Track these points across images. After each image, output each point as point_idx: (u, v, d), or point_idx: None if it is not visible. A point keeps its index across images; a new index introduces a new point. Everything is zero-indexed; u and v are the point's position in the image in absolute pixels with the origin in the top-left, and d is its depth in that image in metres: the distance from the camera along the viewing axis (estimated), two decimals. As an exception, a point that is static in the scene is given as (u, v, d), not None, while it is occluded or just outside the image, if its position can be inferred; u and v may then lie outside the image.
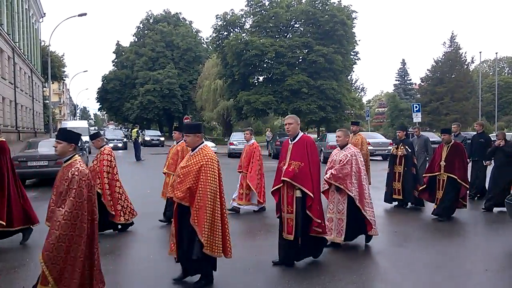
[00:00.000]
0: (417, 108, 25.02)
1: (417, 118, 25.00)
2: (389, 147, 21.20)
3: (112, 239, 6.28)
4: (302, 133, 5.01)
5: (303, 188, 4.66)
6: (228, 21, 32.29)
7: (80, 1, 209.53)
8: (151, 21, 53.58)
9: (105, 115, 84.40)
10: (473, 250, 5.91)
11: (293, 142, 4.90)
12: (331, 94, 28.72)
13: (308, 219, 4.75)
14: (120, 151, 26.99)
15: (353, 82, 52.55)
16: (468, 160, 9.10)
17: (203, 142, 4.15)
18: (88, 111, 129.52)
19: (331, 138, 20.10)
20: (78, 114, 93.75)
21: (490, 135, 12.97)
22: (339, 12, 28.98)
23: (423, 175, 7.99)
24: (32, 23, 41.59)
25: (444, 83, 42.69)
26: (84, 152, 15.98)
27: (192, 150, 4.13)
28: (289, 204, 4.78)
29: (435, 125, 40.47)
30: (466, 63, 45.71)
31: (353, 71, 38.66)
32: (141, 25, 53.98)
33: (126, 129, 42.51)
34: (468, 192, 9.23)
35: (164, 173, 7.37)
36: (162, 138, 34.65)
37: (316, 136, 34.71)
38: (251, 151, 8.22)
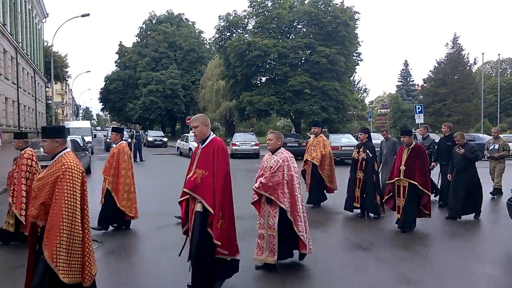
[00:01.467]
0: (420, 110, 24.98)
1: (419, 119, 24.96)
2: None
3: (116, 239, 6.28)
4: (213, 135, 4.19)
5: (203, 202, 3.90)
6: (231, 22, 32.31)
7: (83, 2, 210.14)
8: (154, 21, 53.69)
9: (108, 115, 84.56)
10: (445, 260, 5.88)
11: (202, 146, 4.16)
12: (333, 95, 28.70)
13: (210, 238, 3.94)
14: None
15: (356, 83, 52.57)
16: (435, 164, 8.87)
17: (65, 149, 3.53)
18: (91, 112, 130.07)
19: (334, 139, 20.10)
20: (80, 115, 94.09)
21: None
22: (341, 13, 28.96)
23: (387, 181, 7.34)
24: (35, 23, 41.73)
25: (446, 84, 42.62)
26: (87, 152, 15.99)
27: (52, 159, 3.51)
28: (191, 220, 4.05)
29: (437, 126, 40.36)
30: (469, 64, 45.63)
31: (356, 72, 38.62)
32: (144, 26, 54.11)
33: (129, 130, 42.55)
34: (437, 199, 9.01)
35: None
36: (165, 139, 34.21)
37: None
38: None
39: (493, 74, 59.68)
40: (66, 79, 56.56)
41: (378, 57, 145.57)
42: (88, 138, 25.18)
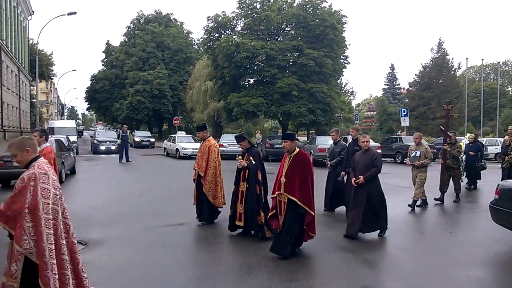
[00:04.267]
0: (405, 113, 25.39)
1: (405, 122, 25.37)
2: (378, 151, 21.46)
3: (104, 242, 6.23)
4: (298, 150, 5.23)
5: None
6: (219, 23, 32.26)
7: (70, 0, 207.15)
8: (142, 21, 53.30)
9: (94, 115, 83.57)
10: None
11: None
12: (321, 98, 28.88)
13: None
14: (114, 155, 22.93)
15: (343, 86, 52.93)
16: (344, 173, 7.89)
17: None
18: (76, 111, 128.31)
19: (321, 141, 20.24)
20: (66, 114, 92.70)
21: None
22: (329, 17, 29.18)
23: (271, 196, 5.89)
24: (20, 20, 41.03)
25: (431, 88, 43.29)
26: (72, 152, 15.78)
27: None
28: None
29: (422, 129, 40.97)
30: (453, 69, 46.46)
31: (343, 75, 38.96)
32: (131, 25, 53.67)
33: (115, 130, 42.07)
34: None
35: None
36: (153, 139, 33.68)
37: (305, 139, 34.89)
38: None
39: (477, 79, 60.90)
40: (52, 77, 55.74)
41: (365, 60, 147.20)
42: (73, 138, 24.84)
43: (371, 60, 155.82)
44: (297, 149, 5.57)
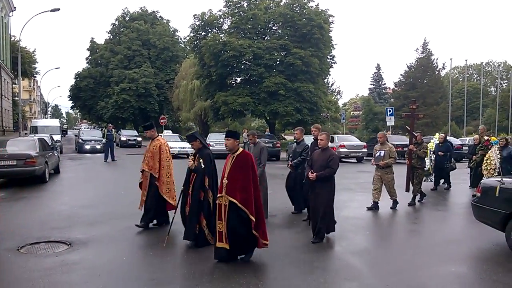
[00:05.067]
0: (391, 112, 25.68)
1: (390, 121, 25.65)
2: (363, 150, 21.65)
3: (88, 242, 6.13)
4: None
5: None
6: (206, 21, 32.11)
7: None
8: (127, 18, 52.68)
9: (78, 113, 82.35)
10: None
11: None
12: (307, 97, 29.00)
13: None
14: (99, 154, 22.17)
15: (330, 85, 53.27)
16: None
17: None
18: (60, 109, 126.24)
19: (308, 141, 20.32)
20: (49, 112, 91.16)
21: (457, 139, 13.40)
22: (316, 16, 29.31)
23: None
24: (1, 16, 40.14)
25: (416, 88, 43.91)
26: (55, 151, 15.52)
27: None
28: None
29: (407, 128, 41.57)
30: (438, 69, 47.20)
31: (330, 75, 39.20)
32: (116, 22, 52.99)
33: (100, 128, 41.45)
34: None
35: None
36: (139, 139, 32.91)
37: (292, 138, 34.96)
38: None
39: (461, 79, 61.95)
40: (34, 75, 54.66)
41: (351, 60, 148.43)
42: (57, 137, 24.42)
43: (358, 60, 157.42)
44: (240, 149, 5.26)
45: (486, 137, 10.59)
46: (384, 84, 63.53)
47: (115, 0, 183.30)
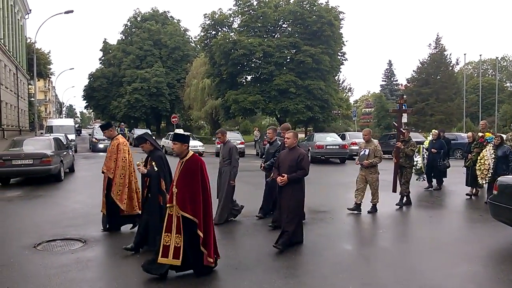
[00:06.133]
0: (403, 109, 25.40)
1: (403, 118, 25.40)
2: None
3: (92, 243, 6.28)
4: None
5: None
6: (216, 20, 32.24)
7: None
8: (138, 19, 53.15)
9: (92, 113, 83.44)
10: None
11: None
12: (318, 94, 28.92)
13: None
14: None
15: (340, 82, 52.92)
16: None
17: None
18: (74, 109, 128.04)
19: (319, 138, 20.30)
20: (64, 112, 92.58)
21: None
22: (326, 13, 29.19)
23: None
24: (18, 19, 40.91)
25: (429, 84, 43.31)
26: (70, 151, 15.81)
27: None
28: None
29: (420, 125, 41.08)
30: (451, 64, 46.45)
31: (340, 72, 38.96)
32: (128, 23, 53.51)
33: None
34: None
35: None
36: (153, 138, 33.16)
37: (303, 135, 34.93)
38: None
39: (475, 75, 60.94)
40: (49, 76, 55.63)
41: (362, 56, 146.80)
42: (71, 136, 24.83)
43: (369, 56, 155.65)
44: (190, 153, 4.65)
45: (480, 134, 9.87)
46: (396, 80, 62.82)
47: (127, 2, 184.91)
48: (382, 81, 63.26)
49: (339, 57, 31.89)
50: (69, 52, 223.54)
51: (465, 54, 71.99)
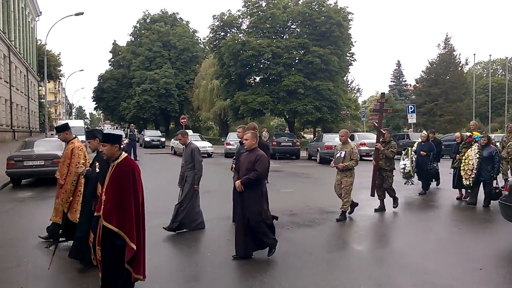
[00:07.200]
0: (412, 109, 25.24)
1: (412, 119, 25.23)
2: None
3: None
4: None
5: None
6: (225, 21, 32.32)
7: (77, 0, 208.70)
8: (148, 20, 53.54)
9: (101, 114, 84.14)
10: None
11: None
12: (327, 95, 28.83)
13: None
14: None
15: (349, 83, 52.78)
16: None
17: None
18: (84, 110, 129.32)
19: (328, 139, 20.25)
20: (73, 113, 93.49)
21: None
22: (335, 14, 29.09)
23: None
24: (28, 21, 41.44)
25: (438, 85, 42.99)
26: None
27: None
28: None
29: (429, 126, 40.72)
30: (460, 64, 46.07)
31: (349, 72, 38.83)
32: (138, 25, 53.94)
33: (122, 129, 42.26)
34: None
35: None
36: (163, 139, 32.45)
37: (312, 136, 34.86)
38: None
39: (484, 75, 60.27)
40: (59, 78, 56.27)
41: (371, 57, 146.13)
42: (81, 137, 24.97)
43: (377, 57, 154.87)
44: (123, 156, 4.10)
45: (468, 134, 9.67)
46: (405, 81, 62.42)
47: (137, 4, 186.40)
48: (391, 81, 62.92)
49: (347, 58, 31.75)
50: (79, 54, 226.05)
51: (474, 54, 71.70)
